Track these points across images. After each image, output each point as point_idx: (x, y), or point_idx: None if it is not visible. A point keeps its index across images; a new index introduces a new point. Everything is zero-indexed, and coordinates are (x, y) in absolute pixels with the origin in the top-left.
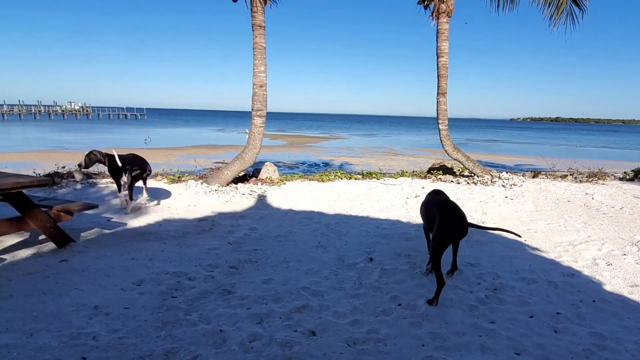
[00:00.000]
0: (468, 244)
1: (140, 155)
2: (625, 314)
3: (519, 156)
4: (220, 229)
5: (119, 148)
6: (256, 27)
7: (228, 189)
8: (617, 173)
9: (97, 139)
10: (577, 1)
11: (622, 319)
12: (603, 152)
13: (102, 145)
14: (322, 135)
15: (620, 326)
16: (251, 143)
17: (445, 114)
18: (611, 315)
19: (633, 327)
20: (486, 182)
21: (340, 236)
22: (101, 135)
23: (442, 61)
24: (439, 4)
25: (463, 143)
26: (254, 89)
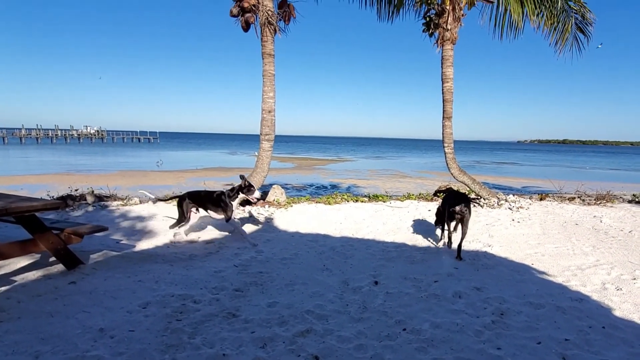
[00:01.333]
0: (474, 267)
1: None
2: (635, 340)
3: (527, 178)
4: (227, 252)
5: (131, 170)
6: (266, 56)
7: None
8: (626, 195)
9: (111, 162)
10: (581, 28)
11: (633, 346)
12: (611, 174)
13: (114, 168)
14: (330, 157)
15: (631, 353)
16: (259, 166)
17: (451, 137)
18: (621, 342)
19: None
20: (493, 204)
21: (346, 259)
22: (114, 159)
23: (447, 86)
24: (444, 32)
25: (470, 165)
26: (263, 114)
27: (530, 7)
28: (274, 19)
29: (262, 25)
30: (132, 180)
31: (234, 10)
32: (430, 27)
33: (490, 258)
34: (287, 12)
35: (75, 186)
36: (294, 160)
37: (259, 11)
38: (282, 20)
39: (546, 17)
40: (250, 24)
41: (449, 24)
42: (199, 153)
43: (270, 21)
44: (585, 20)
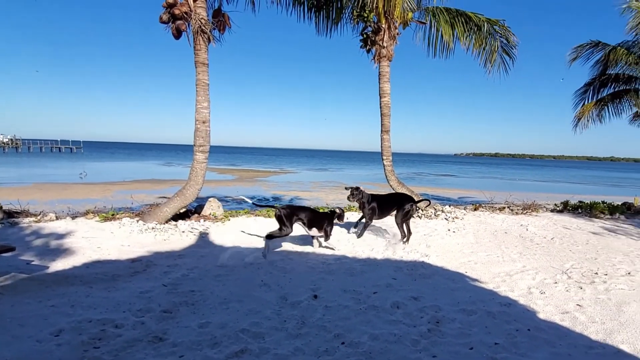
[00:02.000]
0: (412, 277)
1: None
2: (557, 340)
3: (462, 189)
4: (155, 270)
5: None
6: (199, 65)
7: (167, 227)
8: (549, 205)
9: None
10: (506, 51)
11: (555, 346)
12: (536, 185)
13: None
14: (272, 169)
15: (553, 353)
16: (193, 179)
17: (389, 150)
18: (544, 343)
19: (564, 353)
20: (430, 215)
21: (285, 273)
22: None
23: (384, 101)
24: (380, 49)
25: (410, 177)
26: (197, 124)
27: (460, 30)
28: (207, 27)
29: (194, 34)
30: (49, 193)
31: (164, 16)
32: (368, 44)
33: (427, 267)
34: (222, 21)
35: None
36: (235, 172)
37: (191, 19)
38: (216, 29)
39: (474, 39)
40: (182, 32)
41: (385, 42)
42: (129, 164)
43: (204, 30)
44: (510, 43)
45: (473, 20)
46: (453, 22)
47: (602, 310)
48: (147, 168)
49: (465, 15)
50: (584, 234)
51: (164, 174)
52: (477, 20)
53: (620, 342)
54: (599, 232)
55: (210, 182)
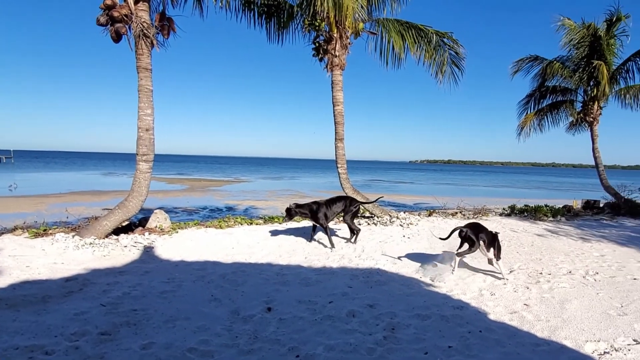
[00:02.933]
0: (368, 284)
1: None
2: (506, 340)
3: (418, 195)
4: (93, 289)
5: None
6: (142, 70)
7: (107, 242)
8: (498, 209)
9: None
10: (455, 63)
11: (504, 346)
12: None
13: None
14: (226, 178)
15: (503, 353)
16: (136, 190)
17: (344, 158)
18: (495, 343)
19: (513, 352)
20: (385, 222)
21: (237, 286)
22: None
23: (337, 109)
24: (332, 58)
25: (366, 184)
26: (140, 132)
27: (410, 41)
28: (150, 31)
29: (136, 38)
30: None
31: (102, 19)
32: (320, 53)
33: (383, 274)
34: (166, 25)
35: None
36: (186, 181)
37: (133, 22)
38: (160, 33)
39: (425, 50)
40: (121, 35)
41: (337, 51)
42: (67, 174)
43: (146, 34)
44: (459, 55)
45: (423, 31)
46: (403, 33)
47: (546, 308)
48: (87, 178)
49: (415, 27)
50: (529, 236)
51: (105, 185)
52: (427, 32)
53: (563, 338)
54: (542, 234)
55: (157, 193)
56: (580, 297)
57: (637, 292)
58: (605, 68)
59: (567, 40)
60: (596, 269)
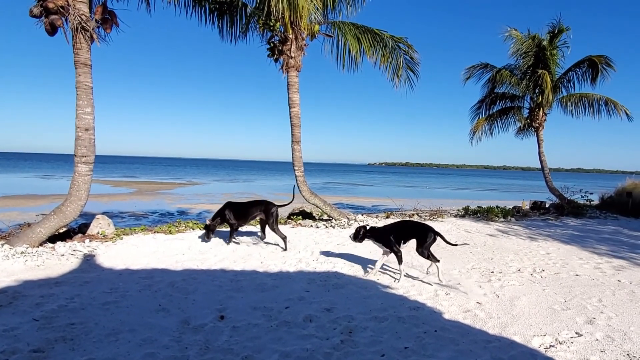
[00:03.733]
0: (325, 288)
1: None
2: (460, 338)
3: (376, 198)
4: (25, 302)
5: None
6: (80, 65)
7: (41, 250)
8: (452, 211)
9: None
10: (411, 67)
11: (458, 344)
12: (442, 192)
13: None
14: (177, 181)
15: (457, 351)
16: (74, 194)
17: (301, 160)
18: (450, 342)
19: (466, 350)
20: (343, 225)
21: (187, 295)
22: None
23: (294, 111)
24: (288, 59)
25: (324, 187)
26: (78, 132)
27: (366, 45)
28: (89, 25)
29: (73, 31)
30: None
31: (35, 10)
32: (275, 53)
33: (340, 277)
34: (108, 19)
35: None
36: (133, 184)
37: (70, 14)
38: (101, 27)
39: (381, 54)
40: (57, 28)
41: (293, 52)
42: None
43: (85, 27)
44: (414, 60)
45: (379, 36)
46: (360, 36)
47: (498, 305)
48: (21, 181)
49: (371, 31)
50: (482, 236)
51: (42, 188)
52: (383, 37)
53: (513, 334)
54: (494, 234)
55: (102, 197)
56: (528, 294)
57: (578, 287)
58: (549, 77)
59: (514, 50)
60: (543, 267)
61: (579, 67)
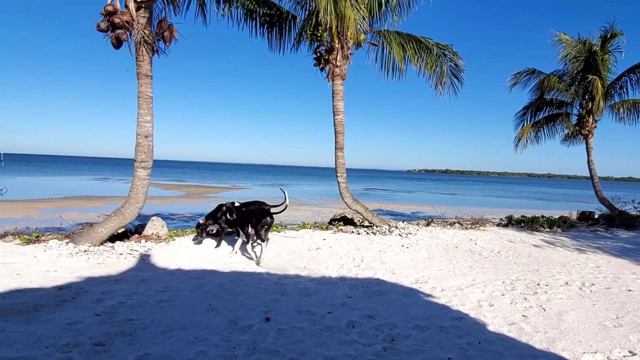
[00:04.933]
0: (367, 294)
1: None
2: (505, 352)
3: (416, 205)
4: (87, 298)
5: None
6: (142, 76)
7: (102, 249)
8: (495, 219)
9: None
10: (455, 74)
11: (504, 357)
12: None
13: None
14: (223, 185)
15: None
16: (133, 196)
17: (344, 167)
18: (494, 355)
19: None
20: (384, 231)
21: (235, 296)
22: None
23: (338, 119)
24: (334, 68)
25: (364, 193)
26: (139, 139)
27: (411, 52)
28: (151, 38)
29: (137, 44)
30: None
31: (102, 25)
32: (321, 62)
33: (382, 284)
34: (167, 32)
35: None
36: (183, 187)
37: (134, 28)
38: (161, 40)
39: (426, 61)
40: (122, 41)
41: (338, 61)
42: (60, 179)
43: (147, 40)
44: (458, 67)
45: (424, 44)
46: (404, 44)
47: (544, 319)
48: (81, 184)
49: (416, 39)
50: (526, 247)
51: (100, 190)
52: (427, 44)
53: (561, 350)
54: (539, 244)
55: (154, 199)
56: (577, 309)
57: (631, 303)
58: (600, 83)
59: (563, 55)
60: (592, 280)
61: (634, 72)
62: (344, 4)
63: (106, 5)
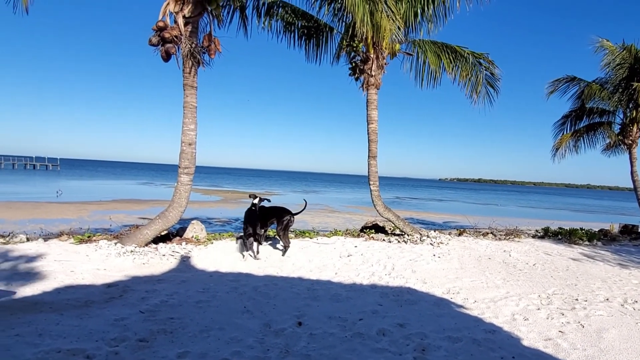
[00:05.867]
0: (398, 303)
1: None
2: None
3: (447, 214)
4: (133, 296)
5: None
6: (188, 87)
7: (146, 250)
8: (530, 231)
9: None
10: (491, 83)
11: None
12: (518, 210)
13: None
14: (258, 191)
15: None
16: (176, 201)
17: (376, 175)
18: None
19: None
20: (416, 240)
21: (269, 299)
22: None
23: (372, 127)
24: (368, 77)
25: (395, 201)
26: (183, 146)
27: (446, 61)
28: (197, 51)
29: (184, 57)
30: (20, 213)
31: (154, 39)
32: (356, 72)
33: (413, 293)
34: (212, 45)
35: None
36: (220, 192)
37: (182, 43)
38: (206, 53)
39: (461, 70)
40: (171, 55)
41: (373, 71)
42: (109, 183)
43: (194, 54)
44: (494, 76)
45: (459, 52)
46: (439, 53)
47: (583, 336)
48: (128, 187)
49: (451, 48)
50: (564, 260)
51: (144, 194)
52: (463, 53)
53: None
54: (578, 258)
55: (193, 204)
56: (618, 326)
57: None
58: None
59: (606, 62)
60: (635, 297)
61: None
62: (380, 15)
63: (158, 22)
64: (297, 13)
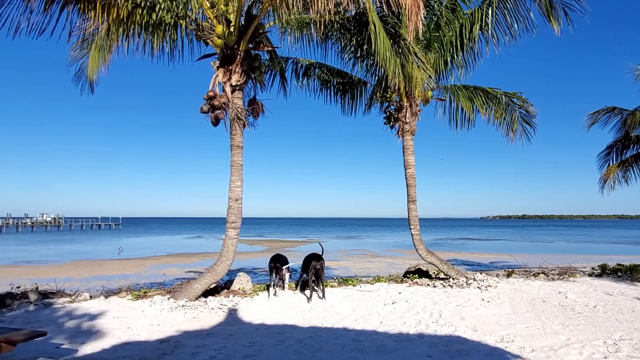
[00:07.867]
0: (448, 354)
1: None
2: None
3: (492, 253)
4: (184, 351)
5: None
6: (234, 147)
7: (196, 304)
8: (586, 269)
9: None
10: (527, 120)
11: None
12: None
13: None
14: (300, 239)
15: None
16: (224, 255)
17: (417, 219)
18: None
19: None
20: (462, 284)
21: (314, 352)
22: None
23: (409, 172)
24: (403, 125)
25: (437, 243)
26: (230, 202)
27: (479, 103)
28: (243, 114)
29: (231, 121)
30: (86, 270)
31: (205, 107)
32: (391, 121)
33: (464, 343)
34: (256, 108)
35: (19, 281)
36: (263, 242)
37: (229, 108)
38: (251, 115)
39: (494, 111)
40: (219, 120)
41: (407, 118)
42: (163, 238)
43: (240, 117)
44: (530, 113)
45: (491, 94)
46: (472, 97)
47: None
48: (180, 241)
49: (483, 90)
50: (628, 300)
51: (195, 247)
52: (495, 94)
53: None
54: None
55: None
56: None
57: None
58: None
59: None
60: None
61: None
62: (410, 66)
63: (208, 92)
64: (332, 72)
